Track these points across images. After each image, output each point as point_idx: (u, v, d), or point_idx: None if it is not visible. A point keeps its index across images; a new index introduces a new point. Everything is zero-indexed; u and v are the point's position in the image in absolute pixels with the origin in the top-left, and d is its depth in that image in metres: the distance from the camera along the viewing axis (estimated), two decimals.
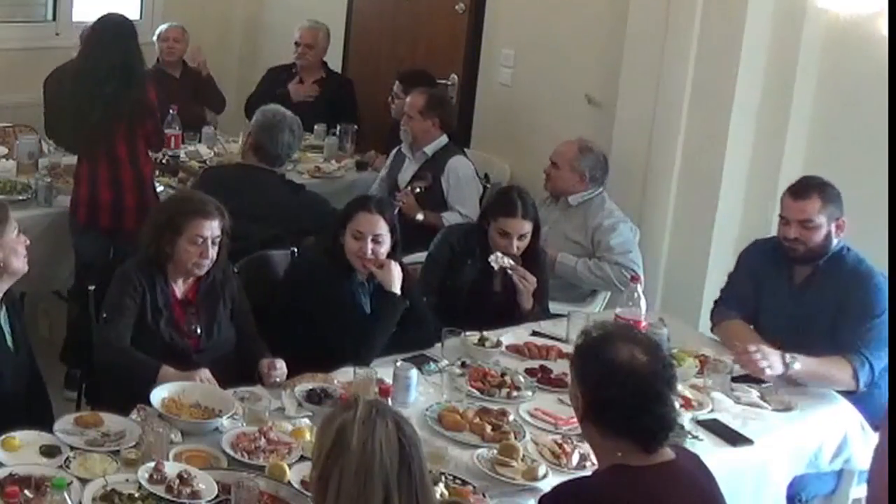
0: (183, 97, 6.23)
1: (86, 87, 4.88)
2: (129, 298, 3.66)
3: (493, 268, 4.22)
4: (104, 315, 3.67)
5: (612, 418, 2.59)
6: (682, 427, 3.42)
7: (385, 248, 3.94)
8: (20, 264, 3.41)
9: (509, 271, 4.21)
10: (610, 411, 2.59)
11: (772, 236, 4.17)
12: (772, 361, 3.67)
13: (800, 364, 3.69)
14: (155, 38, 6.43)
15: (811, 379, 3.74)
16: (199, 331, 3.77)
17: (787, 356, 3.69)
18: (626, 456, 2.59)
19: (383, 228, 3.93)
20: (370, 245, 3.89)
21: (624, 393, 2.56)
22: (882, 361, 3.75)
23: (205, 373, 3.52)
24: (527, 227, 4.26)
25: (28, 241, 3.46)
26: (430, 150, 5.39)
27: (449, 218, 5.16)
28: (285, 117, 5.00)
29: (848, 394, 3.77)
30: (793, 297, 3.98)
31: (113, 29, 4.96)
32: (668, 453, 2.63)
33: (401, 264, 4.00)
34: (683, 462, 2.65)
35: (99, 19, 5.05)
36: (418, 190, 5.26)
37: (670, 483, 2.59)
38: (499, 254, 4.21)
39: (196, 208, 3.74)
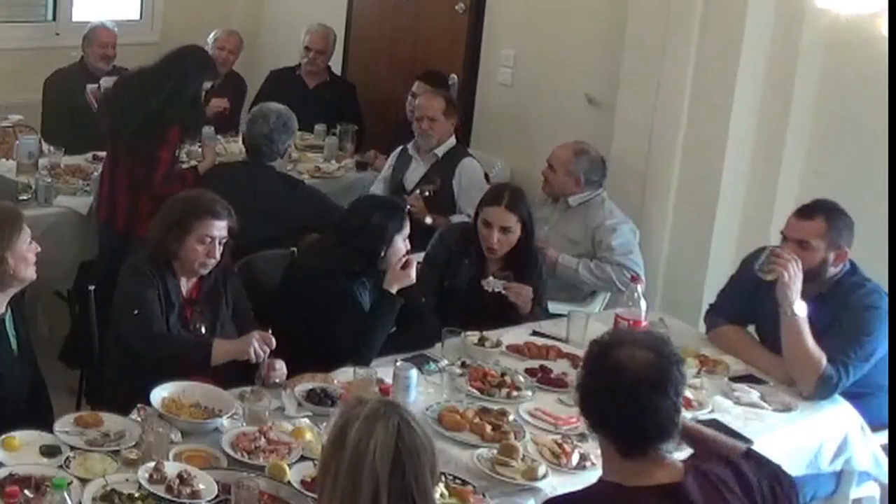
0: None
1: (130, 95, 4.99)
2: (151, 290, 3.69)
3: (485, 281, 4.23)
4: (135, 311, 3.66)
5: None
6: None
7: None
8: (30, 273, 3.43)
9: (503, 292, 4.21)
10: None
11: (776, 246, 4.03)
12: (796, 286, 3.68)
13: (802, 313, 3.68)
14: (210, 41, 6.39)
15: (795, 342, 3.71)
16: (203, 329, 3.78)
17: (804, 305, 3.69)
18: (625, 473, 2.48)
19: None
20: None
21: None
22: (850, 380, 3.71)
23: (256, 336, 3.58)
24: (510, 219, 4.24)
25: (39, 249, 3.47)
26: (440, 151, 5.38)
27: (457, 221, 5.15)
28: (262, 108, 5.03)
29: (849, 395, 3.76)
30: None
31: (187, 56, 5.05)
32: (673, 472, 2.47)
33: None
34: (692, 485, 2.45)
35: (184, 45, 5.16)
36: (427, 193, 5.25)
37: None
38: (491, 278, 4.22)
39: (206, 208, 3.76)
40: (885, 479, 3.79)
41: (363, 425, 2.30)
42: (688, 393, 3.64)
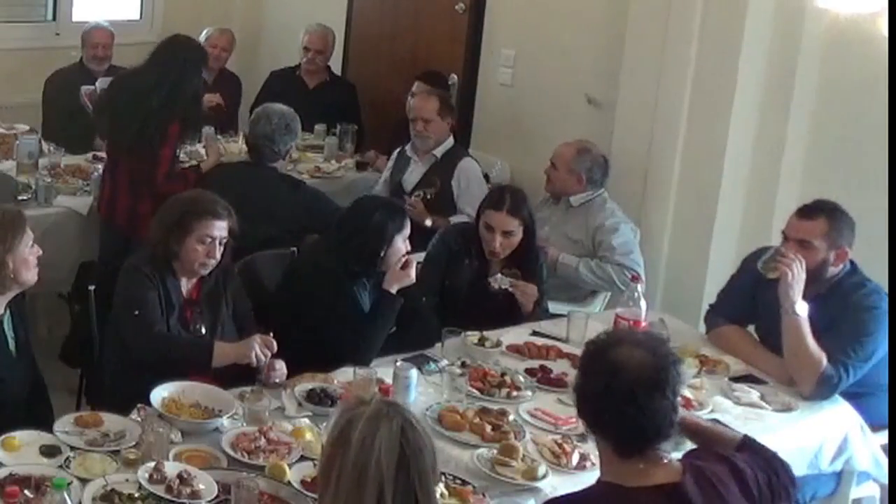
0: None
1: (128, 95, 4.98)
2: (151, 291, 3.69)
3: (493, 278, 4.23)
4: (135, 312, 3.66)
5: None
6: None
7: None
8: (30, 277, 3.42)
9: (510, 289, 4.21)
10: None
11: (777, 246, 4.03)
12: (799, 286, 3.69)
13: (803, 313, 3.68)
14: (203, 39, 6.37)
15: (795, 341, 3.71)
16: (202, 330, 3.78)
17: (805, 305, 3.70)
18: (623, 474, 2.48)
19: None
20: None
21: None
22: (851, 380, 3.71)
23: (257, 339, 3.57)
24: (512, 223, 4.25)
25: (41, 252, 3.46)
26: (438, 152, 5.37)
27: (457, 221, 5.14)
28: (265, 109, 5.04)
29: (849, 395, 3.77)
30: None
31: (179, 51, 5.04)
32: (672, 472, 2.48)
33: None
34: (691, 485, 2.46)
35: (171, 37, 5.16)
36: (428, 197, 5.24)
37: None
38: (499, 276, 4.22)
39: (206, 208, 3.76)
40: (885, 480, 3.79)
41: (367, 425, 2.30)
42: (688, 393, 3.65)
